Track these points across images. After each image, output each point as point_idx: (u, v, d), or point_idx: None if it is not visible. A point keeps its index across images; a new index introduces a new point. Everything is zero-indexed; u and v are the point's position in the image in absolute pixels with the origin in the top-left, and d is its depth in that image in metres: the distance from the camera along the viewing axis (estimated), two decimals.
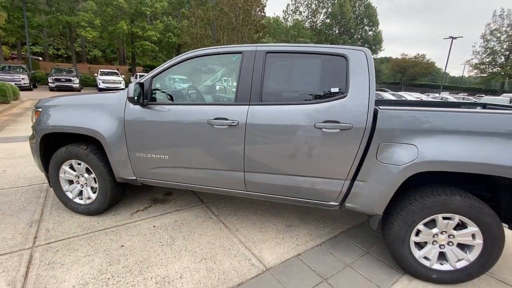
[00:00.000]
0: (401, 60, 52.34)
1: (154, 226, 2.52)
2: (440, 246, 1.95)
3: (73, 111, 2.48)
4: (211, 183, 2.34)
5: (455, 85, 56.68)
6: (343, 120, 1.92)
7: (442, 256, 1.97)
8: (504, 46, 40.09)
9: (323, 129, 1.95)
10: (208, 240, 2.35)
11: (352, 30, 51.04)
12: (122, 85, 18.76)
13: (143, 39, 27.86)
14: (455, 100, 16.55)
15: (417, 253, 1.97)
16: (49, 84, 17.52)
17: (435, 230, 1.92)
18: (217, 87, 3.11)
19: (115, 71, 23.19)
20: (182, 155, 2.30)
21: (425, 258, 1.98)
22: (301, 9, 48.91)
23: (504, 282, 2.04)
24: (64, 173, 2.59)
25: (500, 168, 1.69)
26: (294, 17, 49.28)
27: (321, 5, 47.88)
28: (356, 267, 2.11)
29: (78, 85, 18.00)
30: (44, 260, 1.97)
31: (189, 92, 2.88)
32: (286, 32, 42.81)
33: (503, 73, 39.60)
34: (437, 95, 26.68)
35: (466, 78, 59.42)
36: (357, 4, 50.21)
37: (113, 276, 1.86)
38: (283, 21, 48.04)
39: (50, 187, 2.73)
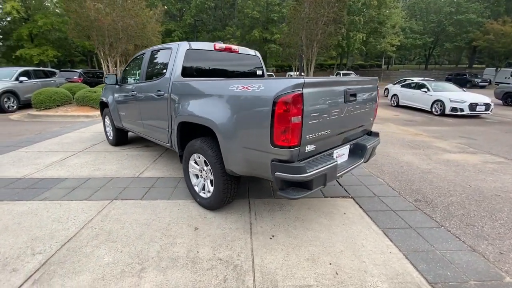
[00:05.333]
0: None
1: (127, 154, 4.57)
2: (204, 179, 2.72)
3: (103, 91, 4.95)
4: (136, 129, 4.07)
5: None
6: (162, 90, 3.08)
7: (205, 187, 2.72)
8: None
9: (157, 96, 3.19)
10: (134, 163, 4.11)
11: None
12: None
13: (272, 42, 32.12)
14: None
15: (193, 181, 2.83)
16: None
17: (198, 167, 2.73)
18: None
19: (271, 74, 28.64)
20: (126, 112, 4.16)
21: (196, 186, 2.80)
22: None
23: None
24: (104, 123, 5.16)
25: (201, 119, 2.36)
26: None
27: None
28: (177, 190, 3.19)
29: None
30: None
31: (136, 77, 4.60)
32: (439, 10, 34.38)
33: None
34: None
35: None
36: None
37: (90, 164, 4.04)
38: None
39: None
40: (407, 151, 5.12)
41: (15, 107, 9.34)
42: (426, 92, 10.90)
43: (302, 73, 14.09)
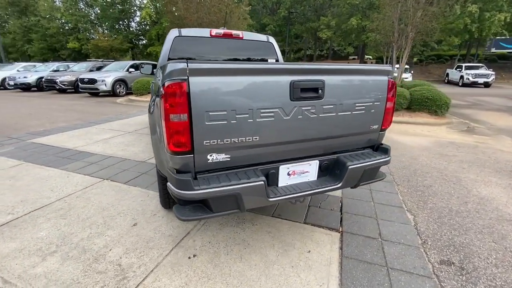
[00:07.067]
0: None
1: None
2: None
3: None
4: None
5: None
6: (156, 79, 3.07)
7: None
8: None
9: (154, 85, 3.22)
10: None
11: None
12: None
13: (370, 31, 28.29)
14: None
15: None
16: None
17: None
18: None
19: None
20: None
21: None
22: None
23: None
24: None
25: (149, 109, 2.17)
26: None
27: None
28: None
29: None
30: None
31: None
32: None
33: None
34: None
35: None
36: None
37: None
38: None
39: None
40: (500, 180, 3.40)
41: (124, 92, 11.83)
42: None
43: (397, 65, 11.75)
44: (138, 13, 33.43)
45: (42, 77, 13.17)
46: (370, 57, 36.60)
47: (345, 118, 1.77)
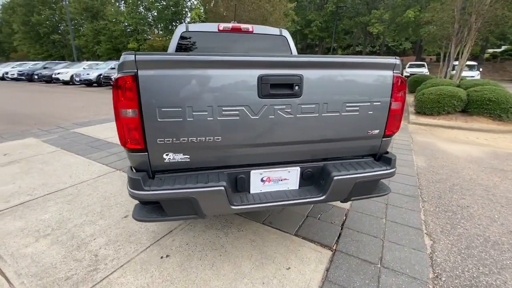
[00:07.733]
0: None
1: None
2: None
3: None
4: None
5: None
6: None
7: None
8: None
9: None
10: None
11: None
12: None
13: (426, 22, 25.15)
14: None
15: None
16: None
17: None
18: None
19: (423, 63, 23.46)
20: None
21: None
22: None
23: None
24: None
25: None
26: None
27: None
28: None
29: None
30: None
31: None
32: None
33: None
34: None
35: None
36: None
37: None
38: None
39: None
40: None
41: None
42: None
43: (455, 62, 10.21)
44: (189, 14, 35.39)
45: (101, 74, 14.84)
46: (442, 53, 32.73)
47: (331, 120, 1.51)
